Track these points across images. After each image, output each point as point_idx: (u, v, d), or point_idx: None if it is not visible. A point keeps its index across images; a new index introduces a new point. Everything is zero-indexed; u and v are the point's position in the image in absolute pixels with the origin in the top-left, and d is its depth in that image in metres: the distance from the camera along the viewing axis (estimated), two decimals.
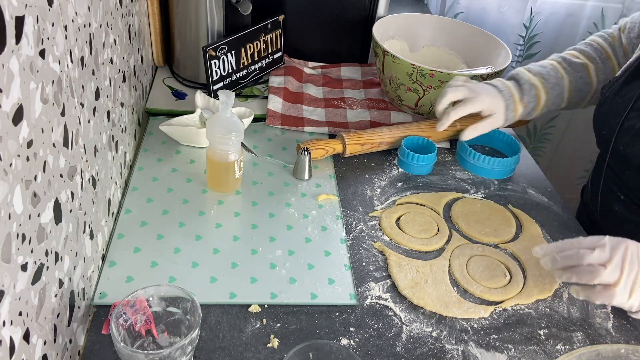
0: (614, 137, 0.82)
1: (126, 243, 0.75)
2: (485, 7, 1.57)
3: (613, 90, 0.85)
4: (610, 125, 0.84)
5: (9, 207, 0.43)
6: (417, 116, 1.11)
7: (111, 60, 0.75)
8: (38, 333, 0.50)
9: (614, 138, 0.82)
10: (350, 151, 0.95)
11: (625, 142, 0.81)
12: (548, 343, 0.70)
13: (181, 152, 0.94)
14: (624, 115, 0.81)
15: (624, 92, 0.83)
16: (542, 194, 0.96)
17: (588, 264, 0.65)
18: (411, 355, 0.66)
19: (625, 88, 0.83)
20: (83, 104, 0.62)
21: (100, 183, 0.70)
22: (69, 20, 0.56)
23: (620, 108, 0.82)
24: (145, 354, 0.53)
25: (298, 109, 1.08)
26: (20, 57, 0.44)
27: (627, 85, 0.83)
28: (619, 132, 0.81)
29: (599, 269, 0.64)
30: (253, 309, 0.69)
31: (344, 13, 1.19)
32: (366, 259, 0.78)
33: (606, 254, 0.65)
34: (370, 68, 1.26)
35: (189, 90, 1.10)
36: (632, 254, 0.65)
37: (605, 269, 0.64)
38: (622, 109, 0.81)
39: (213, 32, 1.06)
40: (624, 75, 0.85)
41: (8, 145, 0.43)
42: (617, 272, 0.64)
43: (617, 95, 0.84)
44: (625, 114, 0.81)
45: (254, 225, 0.81)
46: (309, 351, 0.57)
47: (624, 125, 0.81)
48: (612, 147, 0.83)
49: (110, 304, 0.67)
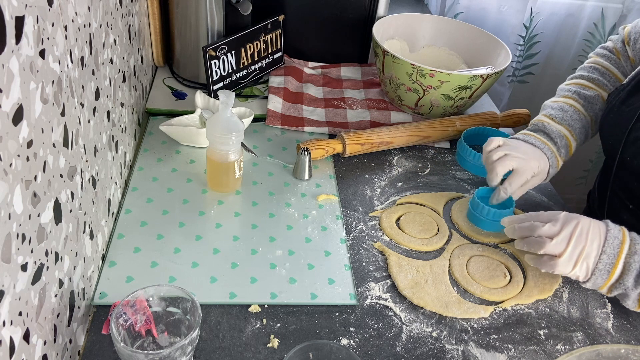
0: (620, 148, 0.81)
1: (126, 243, 0.75)
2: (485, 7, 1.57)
3: (619, 99, 0.84)
4: (616, 136, 0.82)
5: (9, 207, 0.43)
6: (417, 116, 1.11)
7: (111, 60, 0.75)
8: (38, 333, 0.50)
9: (621, 149, 0.81)
10: (350, 151, 0.95)
11: (632, 153, 0.79)
12: (548, 343, 0.70)
13: (181, 152, 0.94)
14: (630, 125, 0.79)
15: (631, 101, 0.81)
16: (542, 194, 0.96)
17: (538, 236, 0.70)
18: (411, 355, 0.66)
19: (632, 97, 0.81)
20: (83, 104, 0.62)
21: (100, 183, 0.70)
22: (69, 20, 0.56)
23: (626, 118, 0.81)
24: (145, 354, 0.53)
25: (298, 109, 1.08)
26: (20, 57, 0.44)
27: (634, 95, 0.81)
28: (625, 143, 0.80)
29: (545, 241, 0.69)
30: (253, 309, 0.69)
31: (344, 13, 1.19)
32: (366, 259, 0.78)
33: (556, 227, 0.69)
34: (370, 68, 1.26)
35: (189, 90, 1.10)
36: (582, 230, 0.69)
37: (551, 241, 0.69)
38: (629, 119, 0.80)
39: (213, 32, 1.06)
40: (631, 83, 0.83)
41: (8, 145, 0.43)
42: (562, 245, 0.68)
43: (624, 104, 0.82)
44: (631, 124, 0.79)
45: (254, 225, 0.81)
46: (309, 351, 0.57)
47: (631, 136, 0.79)
48: (618, 158, 0.82)
49: (110, 304, 0.67)
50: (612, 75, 0.94)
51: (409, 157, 1.01)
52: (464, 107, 1.09)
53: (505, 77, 1.66)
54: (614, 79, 0.94)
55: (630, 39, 0.93)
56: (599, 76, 0.94)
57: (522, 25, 1.57)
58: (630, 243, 0.68)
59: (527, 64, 1.64)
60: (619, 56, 0.96)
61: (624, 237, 0.69)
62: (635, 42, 0.91)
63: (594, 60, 0.97)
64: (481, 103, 1.19)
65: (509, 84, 1.67)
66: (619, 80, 0.93)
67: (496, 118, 1.08)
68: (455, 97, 1.04)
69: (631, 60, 0.93)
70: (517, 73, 1.66)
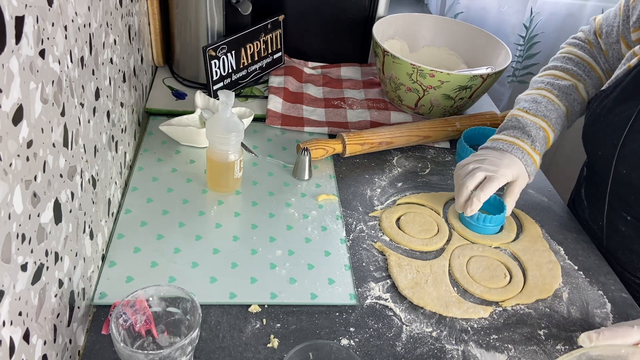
0: (614, 161, 0.78)
1: (126, 243, 0.75)
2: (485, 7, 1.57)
3: (605, 108, 0.80)
4: (607, 147, 0.79)
5: (9, 207, 0.43)
6: (417, 116, 1.11)
7: (111, 60, 0.75)
8: (38, 333, 0.50)
9: (615, 161, 0.78)
10: (350, 151, 0.95)
11: (629, 166, 0.76)
12: (548, 343, 0.70)
13: (181, 152, 0.94)
14: (623, 136, 0.76)
15: (619, 110, 0.78)
16: (542, 194, 0.96)
17: None
18: (411, 355, 0.66)
19: (620, 106, 0.78)
20: (83, 104, 0.62)
21: (100, 183, 0.70)
22: (69, 20, 0.56)
23: (616, 128, 0.77)
24: (145, 354, 0.53)
25: (298, 109, 1.08)
26: (20, 57, 0.44)
27: (622, 103, 0.78)
28: (619, 156, 0.77)
29: None
30: (253, 309, 0.69)
31: (344, 13, 1.19)
32: (366, 259, 0.78)
33: None
34: (370, 68, 1.26)
35: (189, 90, 1.10)
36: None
37: None
38: (620, 129, 0.77)
39: (213, 32, 1.06)
40: (615, 89, 0.79)
41: (8, 145, 0.43)
42: None
43: (611, 113, 0.79)
44: (623, 135, 0.76)
45: (254, 225, 0.81)
46: (309, 351, 0.57)
47: (625, 147, 0.76)
48: (613, 171, 0.79)
49: (110, 304, 0.67)
50: (587, 65, 0.92)
51: (409, 157, 1.01)
52: (464, 107, 1.09)
53: (505, 77, 1.66)
54: (589, 69, 0.92)
55: (602, 32, 0.91)
56: (573, 66, 0.92)
57: (522, 25, 1.57)
58: None
59: (527, 64, 1.64)
60: (592, 47, 0.94)
61: None
62: (608, 35, 0.89)
63: (568, 50, 0.96)
64: (481, 103, 1.19)
65: (509, 84, 1.67)
66: (593, 70, 0.92)
67: (496, 118, 1.08)
68: (455, 97, 1.04)
69: (604, 52, 0.92)
70: (517, 73, 1.66)
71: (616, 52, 0.89)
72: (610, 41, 0.89)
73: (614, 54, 0.89)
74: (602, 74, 0.92)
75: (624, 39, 0.86)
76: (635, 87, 0.77)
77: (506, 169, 0.81)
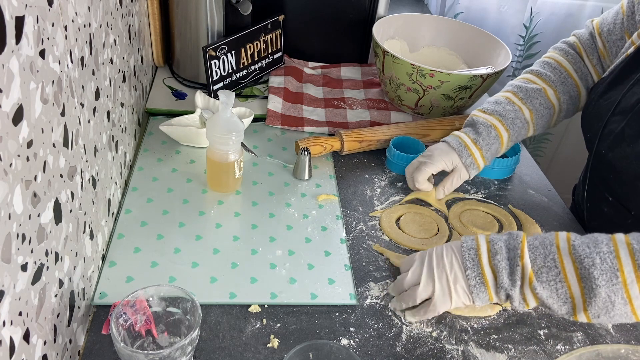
0: (596, 141, 0.82)
1: (126, 243, 0.75)
2: (485, 7, 1.57)
3: (598, 93, 0.84)
4: (593, 129, 0.83)
5: (9, 207, 0.43)
6: (417, 116, 1.11)
7: (111, 60, 0.75)
8: (38, 333, 0.50)
9: (597, 142, 0.82)
10: (348, 148, 0.95)
11: (606, 146, 0.80)
12: (548, 343, 0.70)
13: (181, 152, 0.94)
14: (607, 118, 0.80)
15: (609, 94, 0.82)
16: (542, 194, 0.96)
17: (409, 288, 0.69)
18: (411, 355, 0.66)
19: (610, 91, 0.82)
20: (83, 104, 0.62)
21: (100, 183, 0.70)
22: (69, 20, 0.56)
23: (603, 111, 0.81)
24: (145, 354, 0.53)
25: (298, 109, 1.08)
26: (20, 57, 0.44)
27: (612, 88, 0.82)
28: (601, 136, 0.81)
29: (415, 289, 0.68)
30: (253, 309, 0.69)
31: (344, 13, 1.19)
32: (366, 259, 0.78)
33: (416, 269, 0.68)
34: (370, 68, 1.26)
35: (189, 90, 1.10)
36: (437, 257, 0.68)
37: (419, 287, 0.67)
38: (605, 112, 0.81)
39: (213, 32, 1.06)
40: (610, 76, 0.84)
41: (8, 145, 0.43)
42: (430, 285, 0.67)
43: (602, 98, 0.83)
44: (607, 117, 0.80)
45: (254, 225, 0.81)
46: (309, 351, 0.57)
47: (606, 129, 0.80)
48: (594, 150, 0.83)
49: (110, 304, 0.67)
50: (564, 71, 0.93)
51: None
52: (464, 107, 1.09)
53: (505, 77, 1.66)
54: (565, 75, 0.93)
55: (602, 31, 0.91)
56: (548, 71, 0.93)
57: (522, 25, 1.57)
58: (488, 246, 0.65)
59: (527, 64, 1.64)
60: (580, 50, 0.95)
61: (478, 244, 0.66)
62: (610, 32, 0.90)
63: (550, 55, 0.97)
64: (481, 103, 1.19)
65: None
66: (570, 76, 0.93)
67: None
68: (455, 97, 1.04)
69: (600, 52, 0.92)
70: (517, 73, 1.66)
71: (619, 49, 0.90)
72: (614, 38, 0.90)
73: (617, 50, 0.90)
74: (579, 82, 0.93)
75: (628, 33, 0.87)
76: (625, 74, 0.80)
77: (440, 156, 0.87)
